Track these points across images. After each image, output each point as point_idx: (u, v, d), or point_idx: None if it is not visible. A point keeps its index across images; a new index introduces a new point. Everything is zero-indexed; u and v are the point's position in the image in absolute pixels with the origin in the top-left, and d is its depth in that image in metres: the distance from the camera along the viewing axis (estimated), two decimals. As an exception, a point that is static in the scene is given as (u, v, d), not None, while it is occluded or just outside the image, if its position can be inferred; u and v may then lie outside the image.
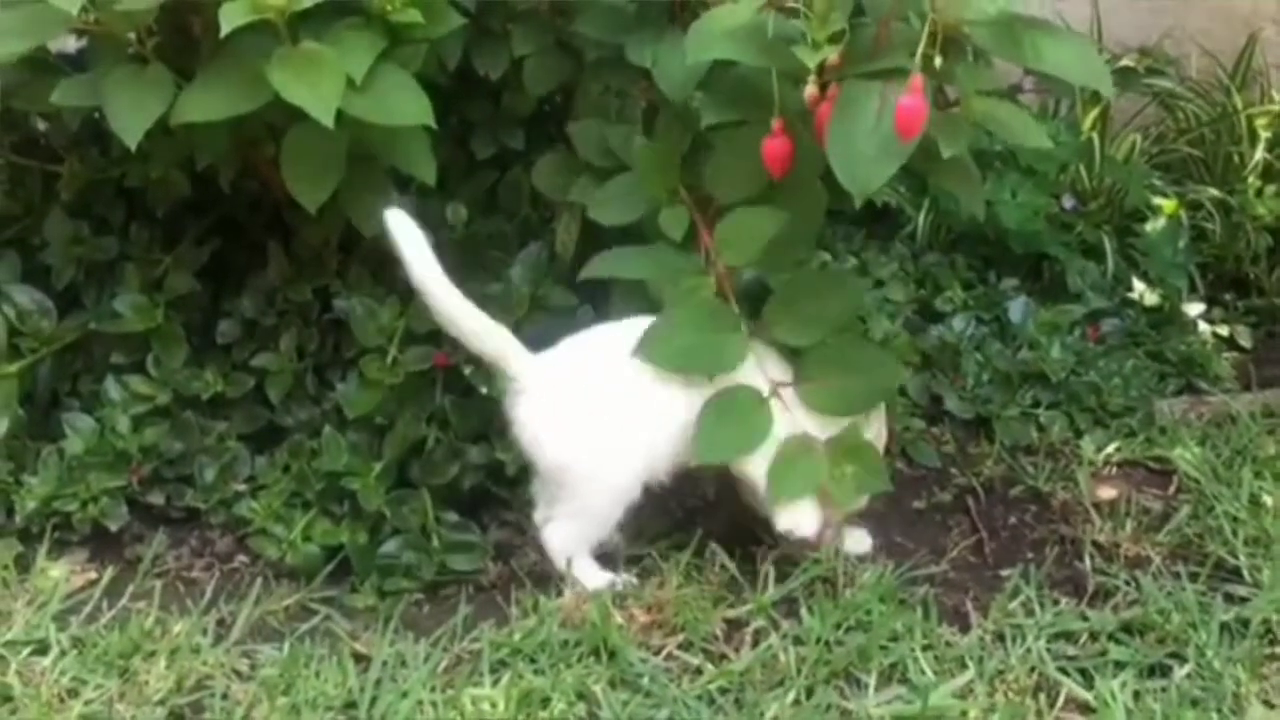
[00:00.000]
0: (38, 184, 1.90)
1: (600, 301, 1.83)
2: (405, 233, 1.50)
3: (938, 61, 1.34)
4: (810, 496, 1.57)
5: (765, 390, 1.55)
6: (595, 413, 1.55)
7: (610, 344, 1.57)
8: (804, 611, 1.54)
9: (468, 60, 1.74)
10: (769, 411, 1.54)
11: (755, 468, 1.56)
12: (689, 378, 1.55)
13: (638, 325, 1.56)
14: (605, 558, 1.61)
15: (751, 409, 1.54)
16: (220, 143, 1.65)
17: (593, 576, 1.58)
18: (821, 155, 1.42)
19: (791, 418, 1.56)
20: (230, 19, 1.40)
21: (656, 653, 1.48)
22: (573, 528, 1.58)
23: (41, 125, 1.89)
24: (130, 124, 1.48)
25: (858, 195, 1.39)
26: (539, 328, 1.72)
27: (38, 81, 1.63)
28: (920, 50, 1.34)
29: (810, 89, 1.43)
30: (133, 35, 1.53)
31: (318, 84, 1.44)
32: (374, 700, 1.41)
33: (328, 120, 1.41)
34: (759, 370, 1.56)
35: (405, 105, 1.52)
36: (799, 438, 1.55)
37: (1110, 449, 1.89)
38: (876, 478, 1.57)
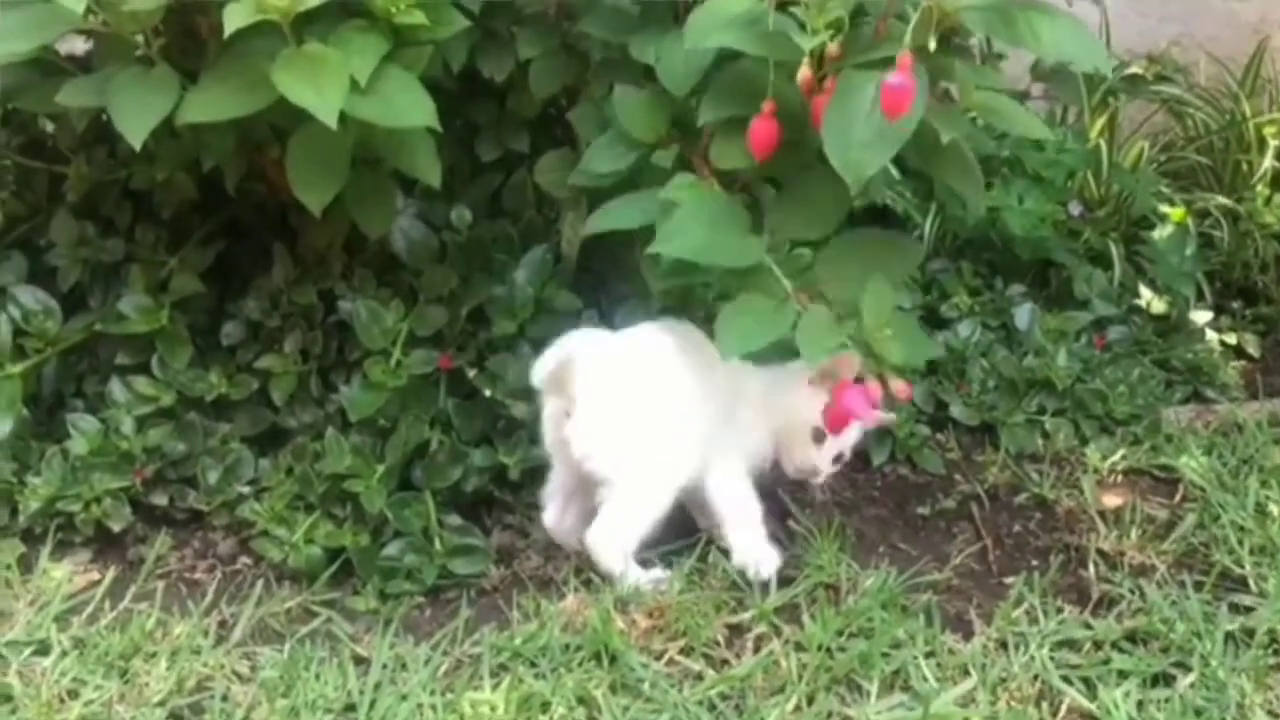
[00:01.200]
0: (44, 185, 1.91)
1: (605, 304, 1.83)
2: None
3: (932, 45, 1.34)
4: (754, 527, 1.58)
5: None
6: (645, 409, 1.55)
7: (656, 342, 1.58)
8: (806, 617, 1.53)
9: (473, 62, 1.74)
10: (790, 311, 1.47)
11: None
12: (732, 375, 1.53)
13: (680, 325, 1.59)
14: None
15: (772, 306, 1.49)
16: (225, 144, 1.65)
17: (640, 575, 1.58)
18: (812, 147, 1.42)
19: None
20: (234, 19, 1.41)
21: (658, 658, 1.48)
22: (619, 528, 1.56)
23: (48, 126, 1.90)
24: (135, 125, 1.48)
25: (852, 183, 1.39)
26: (543, 330, 1.73)
27: (44, 82, 1.63)
28: (909, 32, 1.33)
29: (803, 72, 1.43)
30: (139, 36, 1.53)
31: (322, 86, 1.43)
32: (373, 703, 1.41)
33: (332, 122, 1.41)
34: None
35: (410, 107, 1.51)
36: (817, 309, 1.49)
37: (1116, 457, 1.88)
38: (918, 340, 1.51)
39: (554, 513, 1.64)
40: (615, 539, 1.56)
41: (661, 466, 1.56)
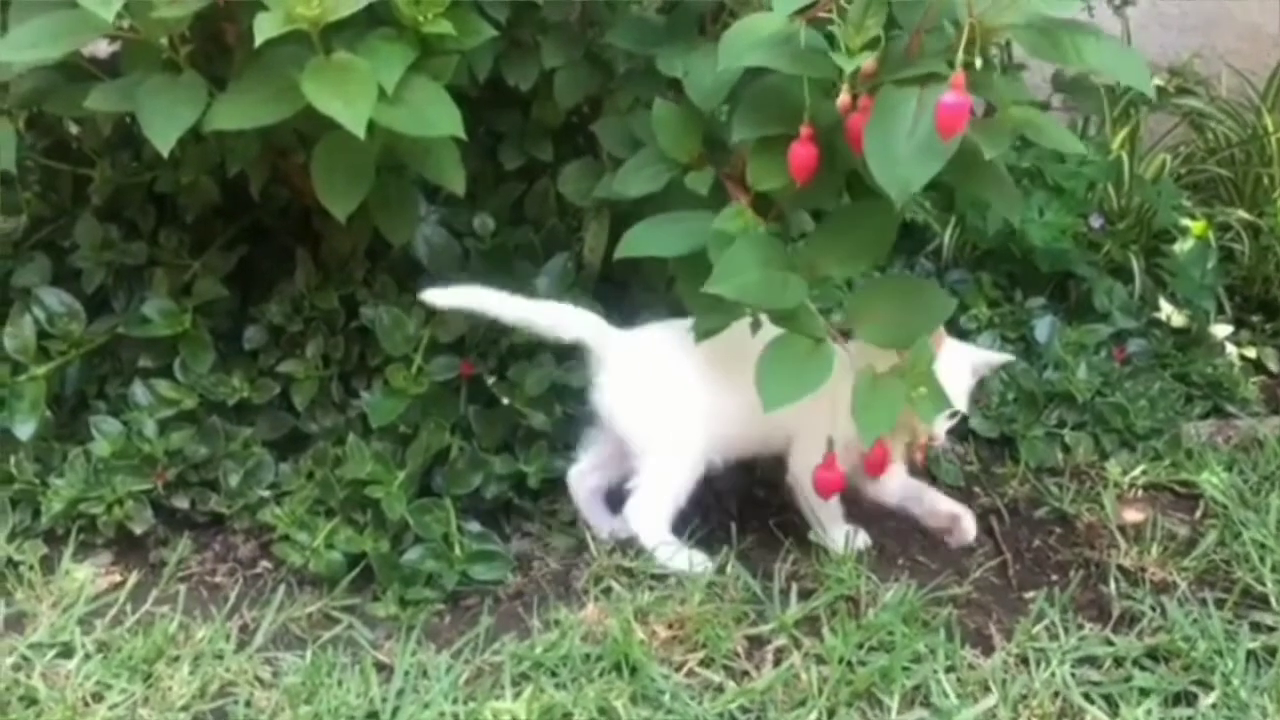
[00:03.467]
0: (69, 188, 1.92)
1: (627, 312, 1.83)
2: (477, 298, 1.65)
3: (978, 63, 1.34)
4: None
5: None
6: (669, 383, 1.65)
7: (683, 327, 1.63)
8: (826, 630, 1.53)
9: (498, 71, 1.75)
10: (828, 353, 1.50)
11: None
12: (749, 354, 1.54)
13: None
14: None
15: (809, 347, 1.50)
16: (251, 150, 1.66)
17: (684, 560, 1.62)
18: (844, 166, 1.42)
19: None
20: (264, 29, 1.41)
21: (678, 669, 1.48)
22: (654, 497, 1.64)
23: (73, 129, 1.90)
24: (163, 131, 1.49)
25: (897, 198, 1.39)
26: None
27: (70, 86, 1.64)
28: (960, 52, 1.33)
29: (843, 96, 1.43)
30: (166, 42, 1.53)
31: (350, 94, 1.44)
32: (396, 711, 1.42)
33: (359, 131, 1.42)
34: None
35: (436, 116, 1.52)
36: (866, 370, 1.51)
37: (1136, 472, 1.87)
38: (944, 398, 1.52)
39: (580, 470, 1.72)
40: (649, 509, 1.64)
41: (684, 439, 1.64)
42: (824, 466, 1.58)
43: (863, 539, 1.69)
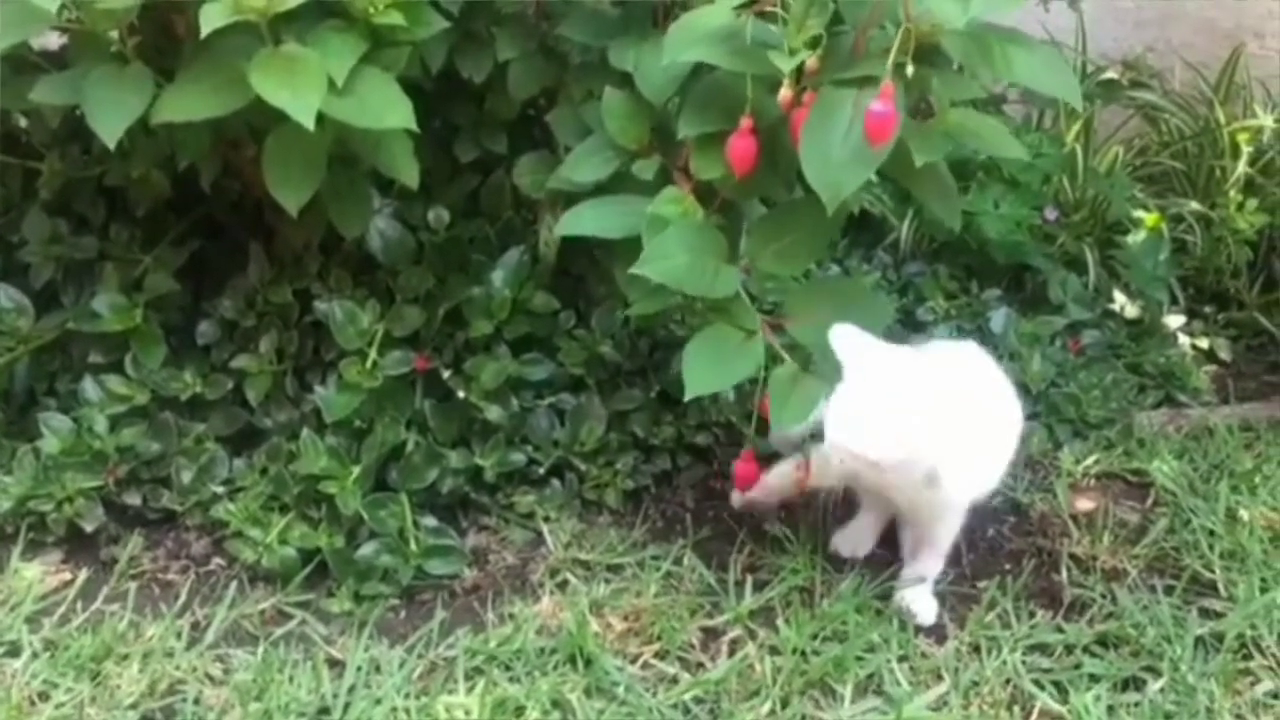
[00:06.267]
0: (17, 181, 1.88)
1: (582, 305, 1.83)
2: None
3: (909, 70, 1.34)
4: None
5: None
6: None
7: None
8: (780, 621, 1.54)
9: (451, 63, 1.73)
10: (758, 346, 1.49)
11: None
12: None
13: None
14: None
15: (740, 339, 1.50)
16: (201, 143, 1.64)
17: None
18: (792, 159, 1.42)
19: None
20: (211, 20, 1.39)
21: (633, 661, 1.48)
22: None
23: (22, 122, 1.88)
24: (110, 123, 1.47)
25: (829, 202, 1.39)
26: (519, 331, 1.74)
27: (17, 79, 1.61)
28: (892, 57, 1.34)
29: (784, 91, 1.43)
30: (114, 34, 1.51)
31: (299, 86, 1.42)
32: (347, 706, 1.41)
33: (308, 122, 1.40)
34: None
35: (387, 108, 1.51)
36: (787, 365, 1.51)
37: (1089, 461, 1.89)
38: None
39: None
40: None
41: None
42: (742, 460, 1.58)
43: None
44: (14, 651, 1.48)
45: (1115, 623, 1.55)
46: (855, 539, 1.65)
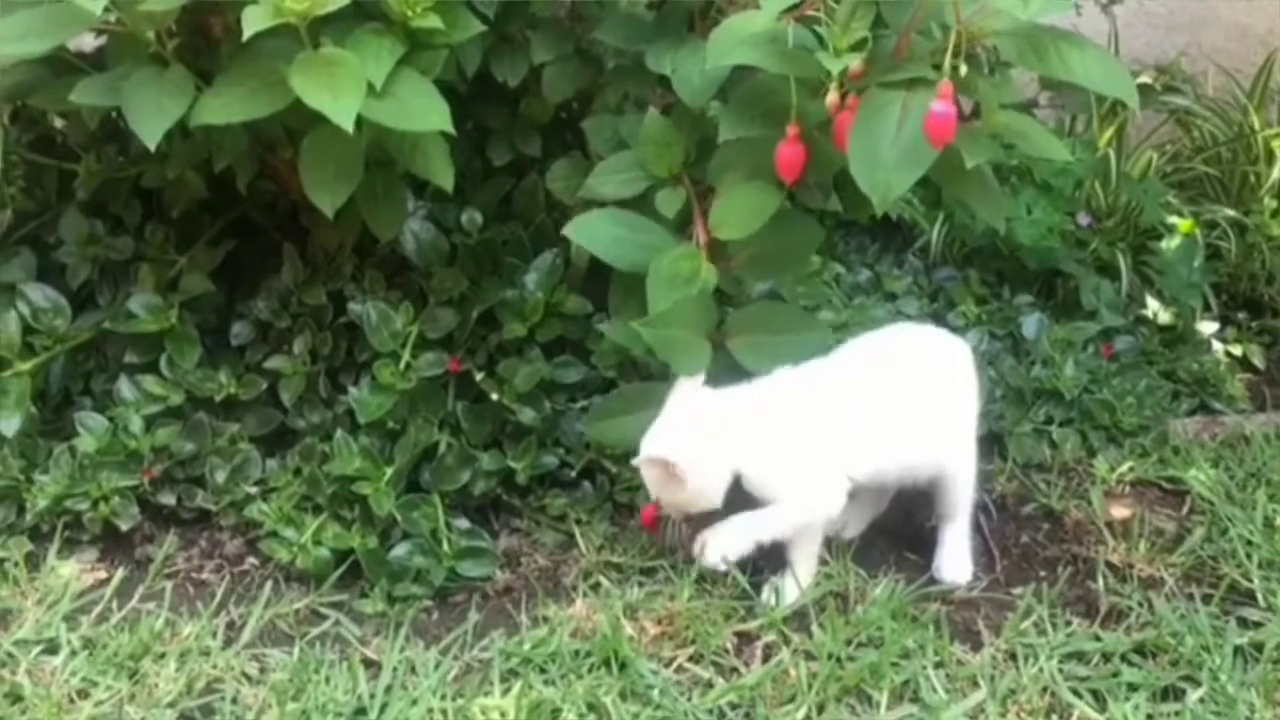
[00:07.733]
0: (54, 182, 1.90)
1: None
2: None
3: (962, 70, 1.34)
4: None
5: None
6: None
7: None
8: (815, 626, 1.53)
9: (487, 66, 1.74)
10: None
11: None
12: None
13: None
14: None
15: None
16: (238, 144, 1.65)
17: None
18: (831, 164, 1.42)
19: None
20: (252, 23, 1.40)
21: (667, 665, 1.48)
22: None
23: (59, 123, 1.89)
24: (150, 125, 1.48)
25: (879, 203, 1.39)
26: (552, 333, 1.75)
27: (56, 80, 1.63)
28: (948, 59, 1.33)
29: (831, 96, 1.43)
30: (153, 36, 1.52)
31: (338, 89, 1.43)
32: (384, 707, 1.41)
33: (348, 125, 1.41)
34: None
35: (424, 111, 1.51)
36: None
37: (1124, 468, 1.88)
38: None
39: None
40: None
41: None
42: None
43: None
44: (52, 649, 1.49)
45: (1153, 631, 1.54)
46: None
